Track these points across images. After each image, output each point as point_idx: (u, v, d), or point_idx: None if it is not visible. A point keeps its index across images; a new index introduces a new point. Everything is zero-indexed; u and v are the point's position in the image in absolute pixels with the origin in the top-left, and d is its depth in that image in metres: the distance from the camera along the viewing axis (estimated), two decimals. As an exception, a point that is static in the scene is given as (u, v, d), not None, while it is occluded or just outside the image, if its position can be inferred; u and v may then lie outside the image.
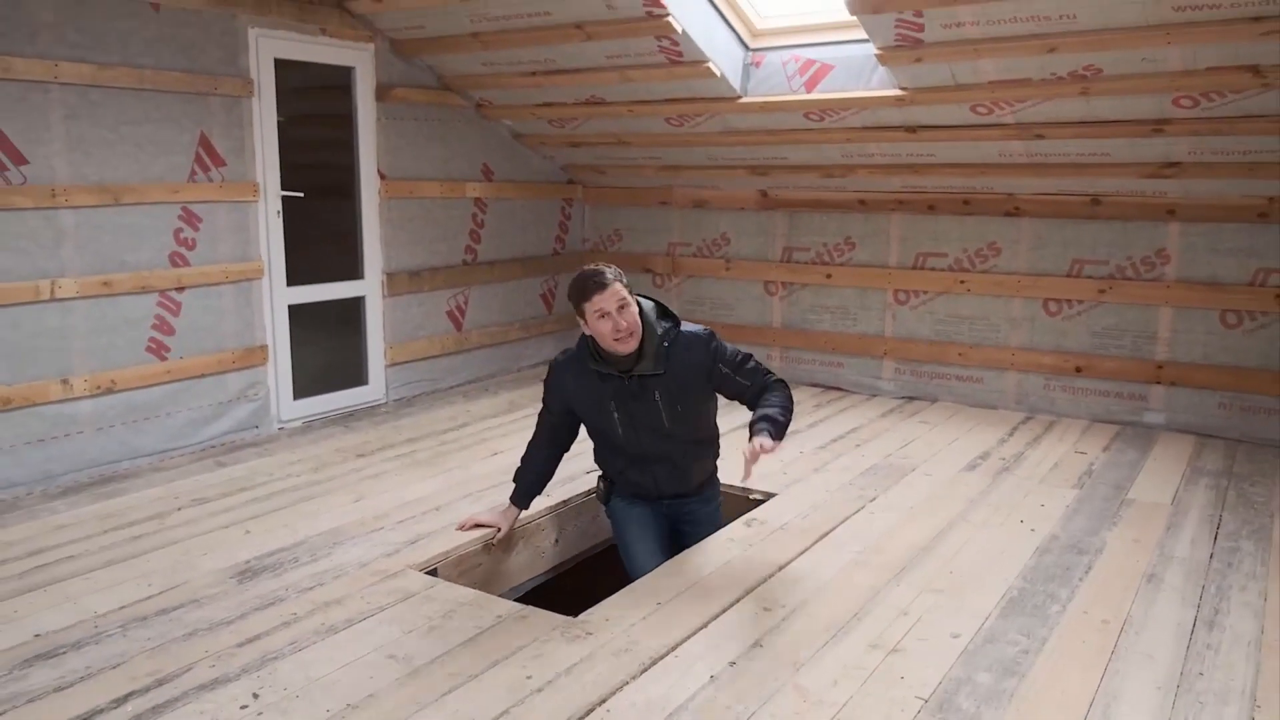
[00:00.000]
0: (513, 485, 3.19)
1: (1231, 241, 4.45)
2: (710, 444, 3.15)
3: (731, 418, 3.40)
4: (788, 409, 2.83)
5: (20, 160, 3.53)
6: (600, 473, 3.20)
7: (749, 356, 2.97)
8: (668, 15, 3.98)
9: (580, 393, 2.99)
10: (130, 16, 3.80)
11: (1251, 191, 4.28)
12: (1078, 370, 4.83)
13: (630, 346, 2.82)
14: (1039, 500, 3.57)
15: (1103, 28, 3.44)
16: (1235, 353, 4.49)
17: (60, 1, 3.59)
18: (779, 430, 2.74)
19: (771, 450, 2.66)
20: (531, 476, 3.17)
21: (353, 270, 4.91)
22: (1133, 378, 4.71)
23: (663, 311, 2.95)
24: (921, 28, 3.68)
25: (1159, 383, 4.65)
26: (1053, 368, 4.89)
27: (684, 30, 4.07)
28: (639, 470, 3.06)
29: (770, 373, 2.95)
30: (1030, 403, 4.96)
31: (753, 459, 2.65)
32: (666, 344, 2.88)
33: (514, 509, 3.19)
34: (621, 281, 2.82)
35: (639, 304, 2.85)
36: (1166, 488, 3.75)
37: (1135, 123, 3.97)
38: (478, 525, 3.20)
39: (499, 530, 3.17)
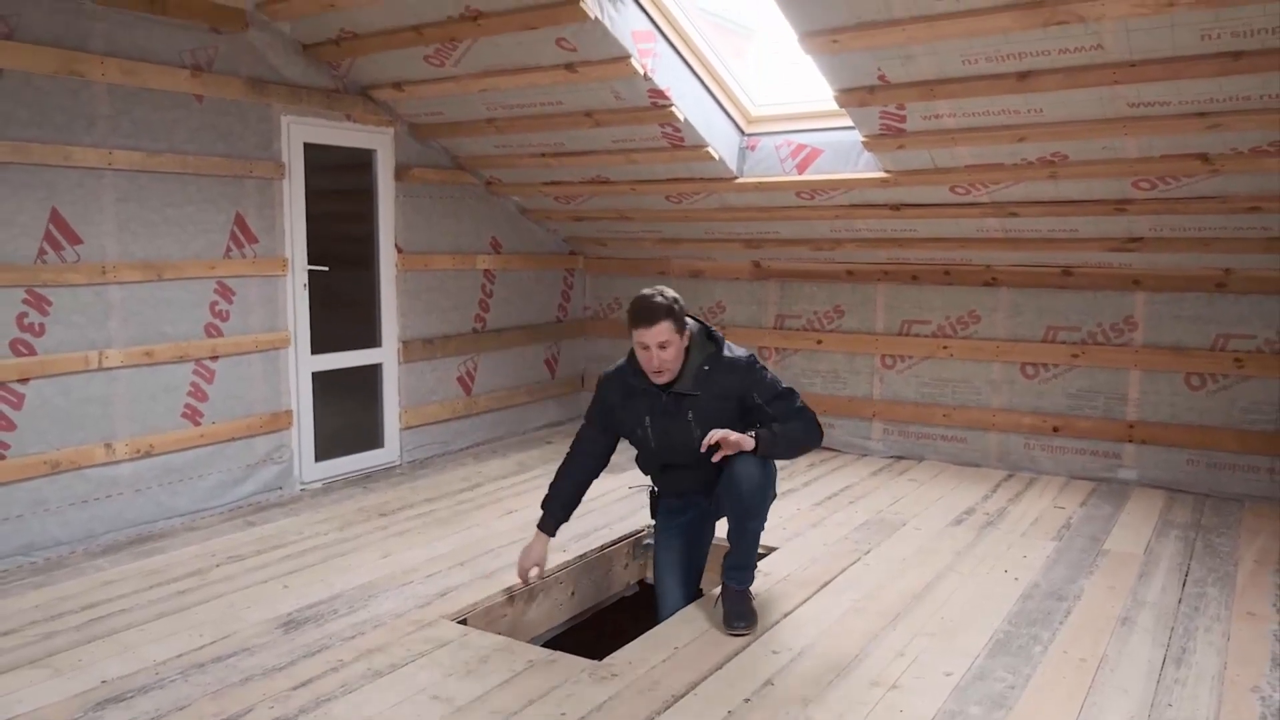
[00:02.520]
0: (541, 513, 3.38)
1: (1192, 309, 4.80)
2: None
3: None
4: (791, 435, 3.04)
5: (75, 240, 3.82)
6: (648, 484, 3.44)
7: (789, 391, 3.12)
8: (671, 105, 4.33)
9: (622, 404, 3.19)
10: (177, 107, 4.11)
11: (1208, 264, 4.64)
12: (1055, 430, 5.13)
13: (663, 381, 3.04)
14: (1021, 552, 3.84)
15: (1066, 120, 3.80)
16: (1200, 413, 4.81)
17: (116, 94, 3.90)
18: (766, 444, 2.96)
19: (733, 443, 2.90)
20: (559, 504, 3.35)
21: (371, 338, 5.18)
22: (1106, 437, 5.02)
23: (708, 334, 3.14)
24: (904, 119, 4.04)
25: (1131, 441, 4.96)
26: (1032, 428, 5.20)
27: (685, 119, 4.43)
28: (673, 476, 3.28)
29: (804, 407, 3.12)
30: (1012, 461, 5.25)
31: (715, 438, 2.90)
32: (706, 367, 3.06)
33: (544, 537, 3.36)
34: (673, 318, 2.98)
35: (687, 323, 3.06)
36: (1139, 539, 4.02)
37: (1100, 202, 4.33)
38: (536, 566, 3.38)
39: (541, 566, 3.39)
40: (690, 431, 3.07)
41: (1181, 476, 4.84)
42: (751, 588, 3.17)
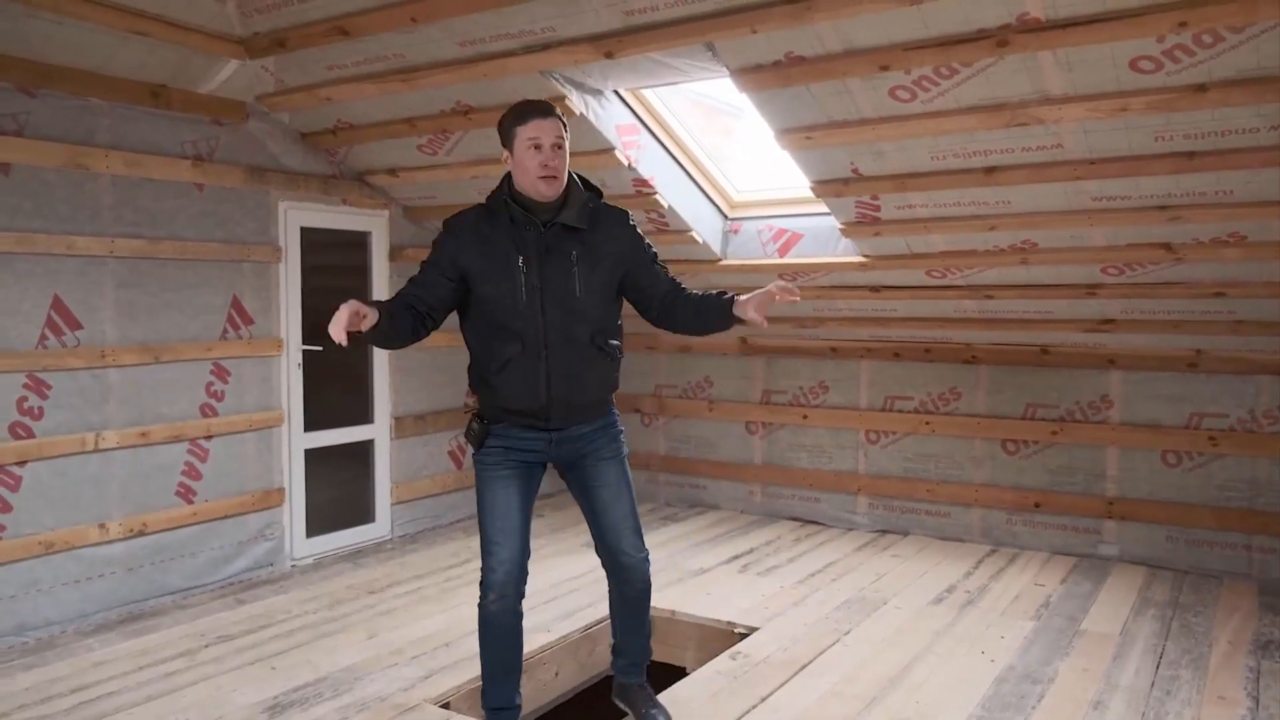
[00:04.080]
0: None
1: (1167, 388, 4.91)
2: (614, 352, 2.79)
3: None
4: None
5: (76, 325, 3.94)
6: (475, 411, 2.81)
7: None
8: (655, 193, 4.49)
9: (484, 244, 2.64)
10: (179, 196, 4.27)
11: (1179, 345, 4.77)
12: (1036, 506, 5.21)
13: (554, 191, 2.62)
14: (999, 632, 3.89)
15: (1034, 211, 3.95)
16: (1178, 489, 4.89)
17: (120, 185, 4.06)
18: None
19: (793, 295, 2.64)
20: (399, 314, 2.61)
21: (363, 415, 5.28)
22: (1086, 513, 5.09)
23: (583, 180, 2.80)
24: (878, 208, 4.19)
25: (1110, 517, 5.03)
26: (1013, 503, 5.27)
27: (670, 205, 4.58)
28: (529, 365, 2.62)
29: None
30: (995, 536, 5.32)
31: (775, 296, 2.63)
32: (592, 206, 2.72)
33: (376, 311, 2.51)
34: (563, 121, 2.67)
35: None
36: (1116, 618, 4.08)
37: (1071, 286, 4.46)
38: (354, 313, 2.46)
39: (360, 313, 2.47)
40: (573, 280, 2.64)
41: (1161, 553, 4.90)
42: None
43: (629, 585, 2.92)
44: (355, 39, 3.81)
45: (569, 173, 2.72)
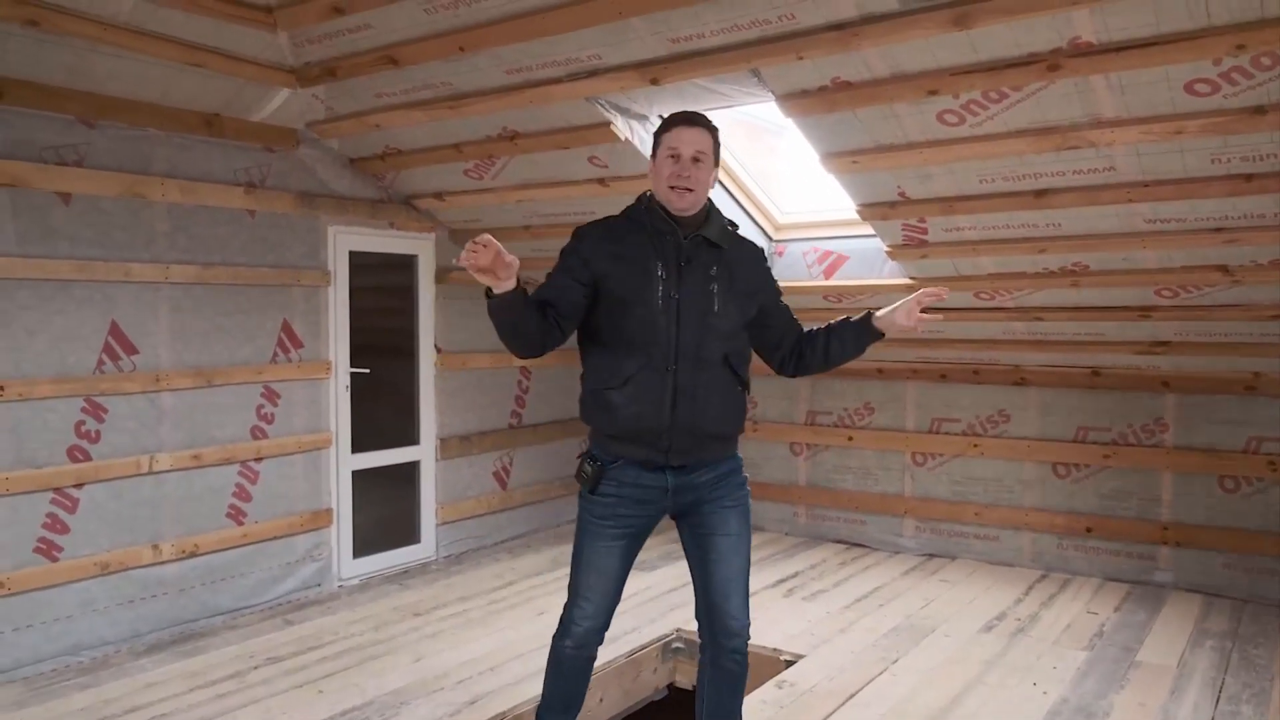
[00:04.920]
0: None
1: (1224, 412, 4.80)
2: (744, 384, 2.65)
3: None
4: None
5: (132, 350, 4.02)
6: (585, 450, 2.66)
7: None
8: (699, 217, 4.49)
9: (620, 249, 2.51)
10: (231, 223, 4.35)
11: (1237, 367, 4.66)
12: (1088, 530, 5.11)
13: (685, 204, 2.49)
14: (1051, 662, 3.82)
15: (1085, 234, 3.89)
16: (1235, 515, 4.77)
17: (175, 213, 4.15)
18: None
19: (940, 294, 2.68)
20: (533, 305, 2.42)
21: (409, 436, 5.33)
22: (1140, 538, 4.98)
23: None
24: (925, 230, 4.15)
25: (1165, 544, 4.92)
26: (1065, 528, 5.17)
27: (714, 228, 4.57)
28: (655, 380, 2.44)
29: None
30: (1045, 561, 5.22)
31: (929, 296, 2.66)
32: (731, 228, 2.63)
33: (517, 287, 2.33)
34: (714, 138, 2.53)
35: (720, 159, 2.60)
36: (1173, 650, 3.98)
37: (1124, 309, 4.37)
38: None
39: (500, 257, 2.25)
40: (711, 295, 2.49)
41: (1219, 581, 4.78)
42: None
43: (727, 657, 2.64)
44: (404, 68, 3.86)
45: (710, 202, 2.60)
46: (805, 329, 2.75)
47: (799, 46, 3.18)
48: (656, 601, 4.54)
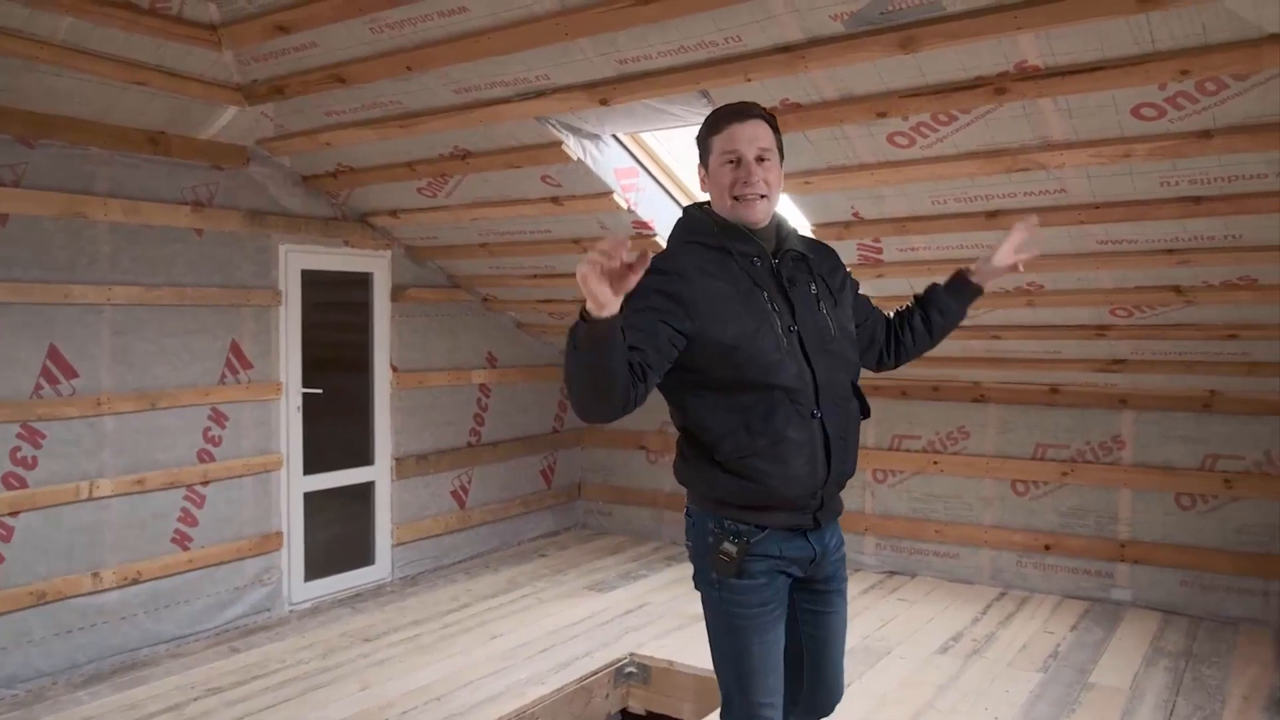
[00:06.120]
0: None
1: (1180, 429, 4.81)
2: (867, 410, 2.24)
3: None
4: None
5: (71, 374, 3.92)
6: (714, 525, 2.11)
7: None
8: (655, 235, 4.45)
9: (718, 282, 2.03)
10: (176, 242, 4.26)
11: (1193, 385, 4.67)
12: (1047, 548, 5.10)
13: (760, 215, 2.09)
14: (1005, 685, 3.79)
15: (1038, 254, 3.86)
16: (1192, 533, 4.78)
17: (118, 233, 4.05)
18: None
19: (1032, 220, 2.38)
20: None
21: (365, 456, 5.24)
22: (1098, 556, 4.98)
23: None
24: (881, 250, 4.13)
25: (1123, 561, 4.92)
26: (1023, 545, 5.17)
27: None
28: (805, 432, 2.04)
29: None
30: (1004, 579, 5.21)
31: (1028, 228, 2.36)
32: (800, 233, 2.24)
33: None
34: (770, 123, 2.11)
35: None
36: (1126, 670, 3.97)
37: (1080, 327, 4.38)
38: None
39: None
40: (823, 317, 2.11)
41: (1176, 598, 4.78)
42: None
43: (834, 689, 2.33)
44: (352, 86, 3.80)
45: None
46: (889, 313, 2.45)
47: (747, 68, 3.15)
48: (611, 625, 4.49)
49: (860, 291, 2.37)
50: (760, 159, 2.07)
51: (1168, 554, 4.82)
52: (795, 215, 4.14)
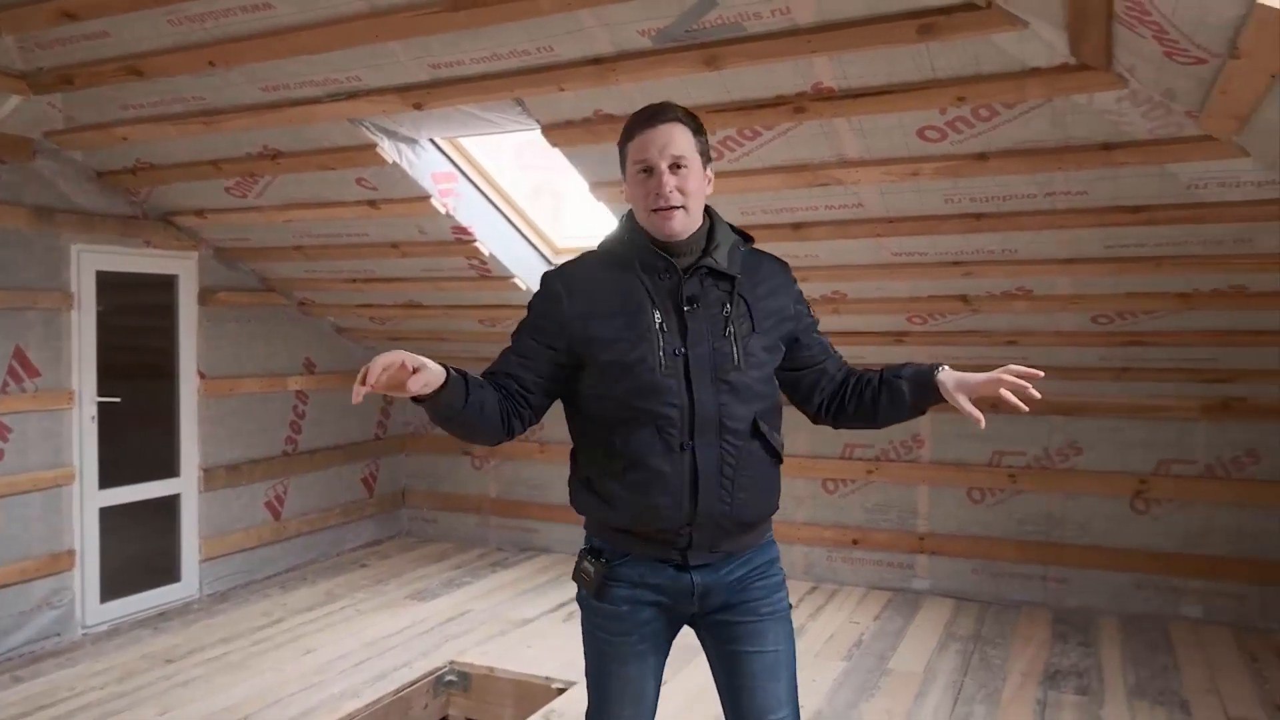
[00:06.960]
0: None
1: (971, 428, 5.12)
2: (778, 446, 2.06)
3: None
4: None
5: None
6: (585, 541, 2.09)
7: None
8: (475, 241, 4.43)
9: (605, 300, 1.96)
10: (-51, 240, 3.94)
11: (981, 388, 5.03)
12: (854, 542, 5.39)
13: (676, 228, 1.93)
14: (812, 675, 3.98)
15: (842, 264, 4.10)
16: (981, 524, 5.15)
17: (-123, 229, 3.71)
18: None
19: (1037, 374, 1.98)
20: (480, 390, 1.93)
21: (169, 467, 4.98)
22: (900, 549, 5.30)
23: (732, 227, 2.08)
24: (695, 259, 4.26)
25: (922, 552, 5.25)
26: (833, 540, 5.44)
27: (490, 253, 4.53)
28: (667, 464, 1.92)
29: None
30: (816, 573, 5.47)
31: (1007, 382, 2.00)
32: (743, 249, 2.05)
33: (443, 373, 1.86)
34: (693, 129, 1.96)
35: (710, 155, 2.02)
36: (922, 655, 4.24)
37: (881, 334, 4.66)
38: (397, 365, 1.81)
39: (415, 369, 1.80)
40: (727, 343, 1.94)
41: (968, 585, 5.15)
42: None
43: None
44: (150, 79, 3.61)
45: (708, 210, 2.03)
46: (850, 371, 2.19)
47: (559, 78, 3.20)
48: (432, 633, 4.43)
49: (819, 333, 2.16)
50: (676, 166, 1.92)
51: (961, 545, 5.18)
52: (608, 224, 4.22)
